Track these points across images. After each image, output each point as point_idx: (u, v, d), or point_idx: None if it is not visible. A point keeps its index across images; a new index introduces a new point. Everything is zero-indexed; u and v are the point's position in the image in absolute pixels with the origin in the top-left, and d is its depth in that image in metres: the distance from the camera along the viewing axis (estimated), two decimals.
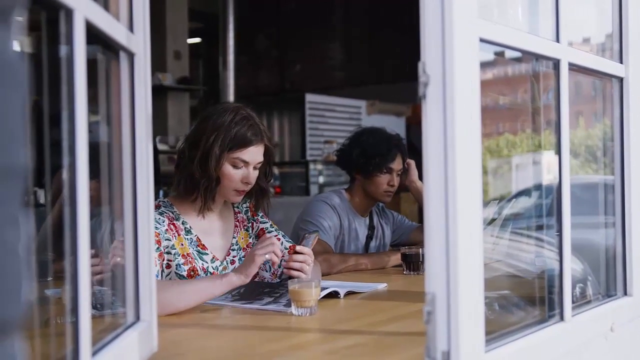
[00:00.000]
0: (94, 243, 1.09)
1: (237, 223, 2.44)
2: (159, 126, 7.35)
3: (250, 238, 2.45)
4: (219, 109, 2.28)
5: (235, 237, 2.41)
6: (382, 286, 2.41)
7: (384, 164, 3.06)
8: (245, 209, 2.49)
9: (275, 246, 2.06)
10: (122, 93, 1.38)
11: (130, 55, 1.38)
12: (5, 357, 0.55)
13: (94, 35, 1.14)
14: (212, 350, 1.65)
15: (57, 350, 1.20)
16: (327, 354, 1.55)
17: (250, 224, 2.48)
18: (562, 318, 1.56)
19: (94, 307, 1.18)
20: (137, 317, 1.40)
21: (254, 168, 2.29)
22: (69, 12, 1.02)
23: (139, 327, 1.37)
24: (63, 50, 1.04)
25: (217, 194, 2.30)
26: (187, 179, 2.26)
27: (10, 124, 0.51)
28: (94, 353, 1.11)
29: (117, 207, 1.41)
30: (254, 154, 2.27)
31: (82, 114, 1.04)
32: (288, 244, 2.46)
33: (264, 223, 2.49)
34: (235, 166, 2.25)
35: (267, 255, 2.03)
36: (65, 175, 1.03)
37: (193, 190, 2.27)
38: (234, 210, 2.46)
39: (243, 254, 2.40)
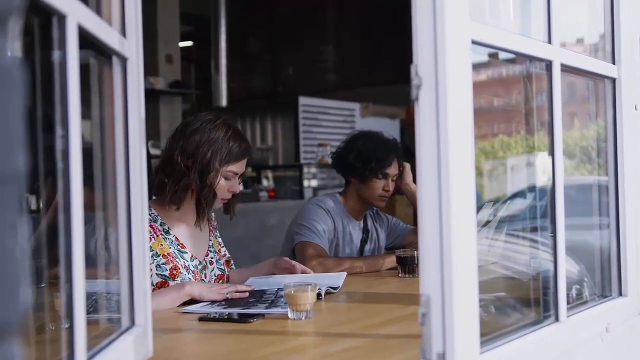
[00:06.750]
0: (87, 249, 1.08)
1: (212, 228, 2.56)
2: (152, 130, 7.31)
3: (219, 245, 2.58)
4: (205, 121, 2.35)
5: (211, 240, 2.52)
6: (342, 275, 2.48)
7: (380, 169, 3.04)
8: (213, 217, 2.61)
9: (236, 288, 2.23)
10: (115, 98, 1.37)
11: (123, 60, 1.38)
12: None
13: (86, 40, 1.13)
14: (207, 355, 1.65)
15: (51, 356, 1.20)
16: (324, 357, 1.55)
17: (217, 233, 2.60)
18: (557, 319, 1.56)
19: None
20: (132, 322, 1.40)
21: (239, 177, 2.42)
22: (62, 18, 1.02)
23: (134, 332, 1.37)
24: (56, 55, 1.04)
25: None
26: (182, 190, 2.32)
27: (8, 130, 0.52)
28: (89, 358, 1.11)
29: (111, 213, 1.40)
30: (244, 165, 2.41)
31: (75, 119, 1.04)
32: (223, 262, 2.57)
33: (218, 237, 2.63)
34: (226, 178, 2.36)
35: (228, 295, 2.17)
36: (59, 181, 1.03)
37: (182, 200, 2.34)
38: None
39: (218, 257, 2.52)
